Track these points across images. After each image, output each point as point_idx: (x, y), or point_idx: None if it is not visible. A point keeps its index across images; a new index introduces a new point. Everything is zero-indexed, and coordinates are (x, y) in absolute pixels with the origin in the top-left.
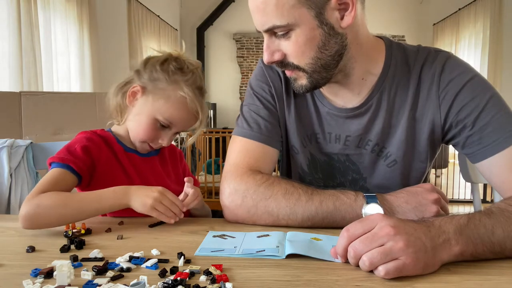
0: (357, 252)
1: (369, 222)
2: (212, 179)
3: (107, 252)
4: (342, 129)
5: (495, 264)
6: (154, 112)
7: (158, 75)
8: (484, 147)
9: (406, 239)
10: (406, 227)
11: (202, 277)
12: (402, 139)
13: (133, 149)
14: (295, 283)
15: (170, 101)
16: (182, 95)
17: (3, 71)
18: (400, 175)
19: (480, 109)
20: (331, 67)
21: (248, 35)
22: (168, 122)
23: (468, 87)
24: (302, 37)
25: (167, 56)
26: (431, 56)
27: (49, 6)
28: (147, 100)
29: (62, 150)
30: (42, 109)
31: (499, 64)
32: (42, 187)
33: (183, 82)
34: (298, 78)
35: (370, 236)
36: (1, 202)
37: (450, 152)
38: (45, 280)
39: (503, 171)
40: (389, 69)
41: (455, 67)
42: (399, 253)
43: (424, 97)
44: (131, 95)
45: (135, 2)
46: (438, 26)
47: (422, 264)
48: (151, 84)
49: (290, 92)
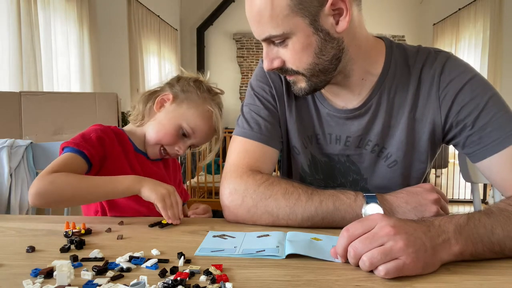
0: (357, 252)
1: (369, 222)
2: (212, 179)
3: (107, 252)
4: (342, 130)
5: (495, 264)
6: (181, 119)
7: (190, 88)
8: (484, 147)
9: (406, 239)
10: (406, 226)
11: (202, 277)
12: (402, 139)
13: (142, 151)
14: (295, 283)
15: (198, 111)
16: (210, 109)
17: (3, 71)
18: (400, 175)
19: (480, 109)
20: (329, 71)
21: (248, 35)
22: (191, 131)
23: (468, 87)
24: (298, 45)
25: (198, 77)
26: (431, 57)
27: (49, 6)
28: (176, 108)
29: (76, 137)
30: (42, 109)
31: (499, 64)
32: (55, 167)
33: (211, 100)
34: (298, 82)
35: (370, 236)
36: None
37: (450, 152)
38: (45, 280)
39: (503, 170)
40: (389, 69)
41: (455, 67)
42: (399, 253)
43: (424, 97)
44: (160, 101)
45: (135, 2)
46: (438, 26)
47: (422, 264)
48: (183, 94)
49: (290, 93)
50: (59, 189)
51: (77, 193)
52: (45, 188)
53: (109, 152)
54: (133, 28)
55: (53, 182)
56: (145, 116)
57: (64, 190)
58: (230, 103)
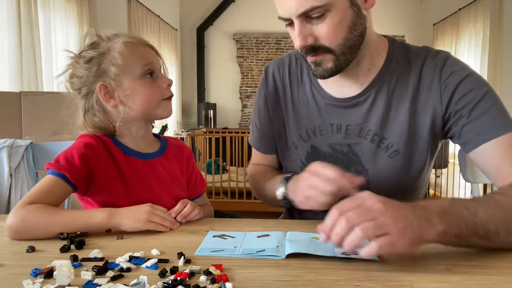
0: (351, 222)
1: (359, 199)
2: (212, 179)
3: (107, 252)
4: (342, 119)
5: (495, 264)
6: (132, 75)
7: (91, 63)
8: (478, 135)
9: (396, 215)
10: (395, 204)
11: (202, 277)
12: (403, 129)
13: (134, 152)
14: (295, 283)
15: (122, 55)
16: (120, 42)
17: (3, 71)
18: (401, 166)
19: (477, 100)
20: (356, 48)
21: (248, 35)
22: (147, 65)
23: (468, 80)
24: (337, 18)
25: (81, 52)
26: (432, 54)
27: (49, 6)
28: (118, 79)
29: (60, 155)
30: (42, 109)
31: (499, 64)
32: (32, 197)
33: (107, 42)
34: (325, 62)
35: (364, 209)
36: (1, 202)
37: (450, 152)
38: (45, 280)
39: (495, 158)
40: (390, 62)
41: (456, 63)
42: (390, 228)
43: (425, 90)
44: (102, 94)
45: (135, 2)
46: (438, 26)
47: (409, 241)
48: (100, 71)
49: (286, 90)
50: (31, 227)
51: (50, 230)
52: (18, 226)
53: (94, 167)
54: (133, 28)
55: (24, 219)
56: (112, 118)
57: (36, 227)
58: (230, 103)
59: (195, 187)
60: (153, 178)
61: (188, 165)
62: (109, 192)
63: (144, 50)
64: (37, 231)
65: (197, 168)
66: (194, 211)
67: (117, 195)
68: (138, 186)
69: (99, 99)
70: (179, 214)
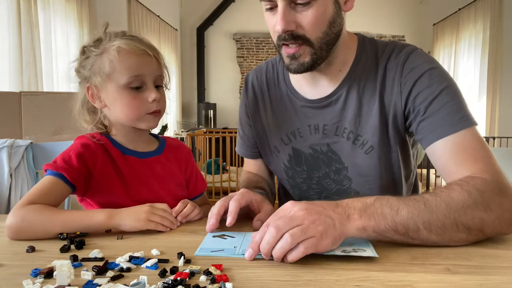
0: (280, 229)
1: (284, 210)
2: (212, 179)
3: (107, 252)
4: (318, 119)
5: (495, 264)
6: (116, 83)
7: (87, 61)
8: (431, 132)
9: (317, 219)
10: (316, 208)
11: (202, 277)
12: (376, 125)
13: (131, 151)
14: (295, 283)
15: (111, 62)
16: (115, 46)
17: (3, 71)
18: (378, 162)
19: (434, 96)
20: (331, 46)
21: (248, 35)
22: (134, 77)
23: (427, 75)
24: (321, 9)
25: (85, 46)
26: (398, 48)
27: (49, 6)
28: (103, 83)
29: (58, 156)
30: (42, 109)
31: (499, 64)
32: (31, 197)
33: (108, 42)
34: (302, 55)
35: (289, 217)
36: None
37: None
38: (45, 280)
39: (444, 156)
40: (360, 60)
41: (419, 57)
42: (314, 232)
43: (390, 85)
44: (89, 94)
45: (135, 2)
46: (438, 26)
47: (331, 240)
48: (92, 71)
49: (265, 97)
50: (30, 227)
51: (50, 230)
52: (17, 226)
53: (92, 167)
54: (133, 28)
55: (24, 219)
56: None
57: (36, 227)
58: (230, 103)
59: (195, 186)
60: (152, 177)
61: (187, 165)
62: (108, 191)
63: (137, 60)
64: (37, 231)
65: (197, 167)
66: (195, 211)
67: (116, 194)
68: (137, 185)
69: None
70: (180, 214)
